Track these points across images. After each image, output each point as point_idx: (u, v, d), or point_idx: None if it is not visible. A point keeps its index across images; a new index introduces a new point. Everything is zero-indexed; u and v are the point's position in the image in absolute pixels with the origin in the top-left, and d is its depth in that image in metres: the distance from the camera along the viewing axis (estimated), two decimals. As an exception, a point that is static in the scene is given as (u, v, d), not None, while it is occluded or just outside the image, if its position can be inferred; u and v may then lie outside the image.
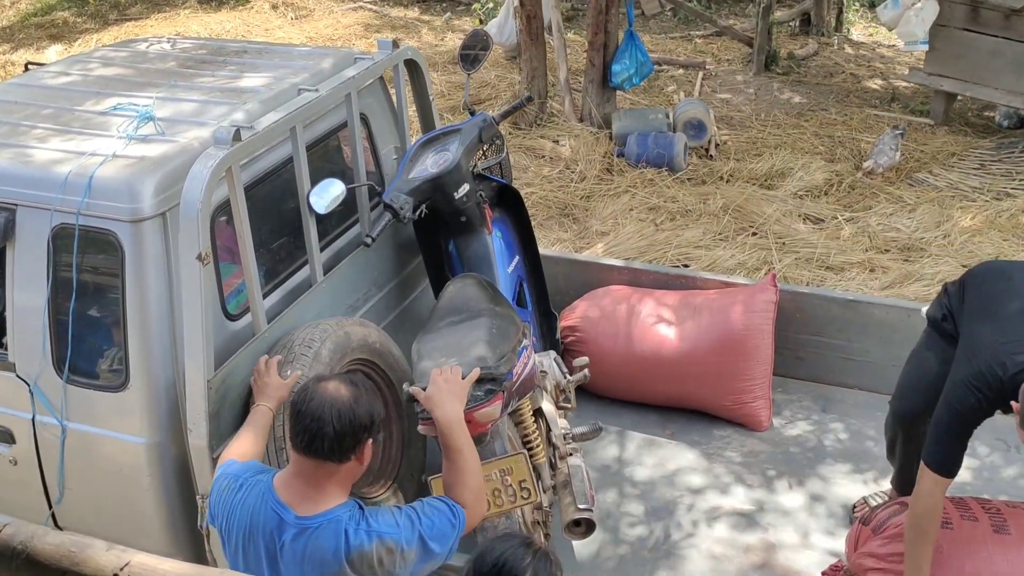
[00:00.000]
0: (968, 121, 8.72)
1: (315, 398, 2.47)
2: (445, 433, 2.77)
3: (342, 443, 2.46)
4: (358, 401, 2.49)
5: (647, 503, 4.02)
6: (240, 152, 3.21)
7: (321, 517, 2.49)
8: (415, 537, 2.52)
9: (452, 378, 2.90)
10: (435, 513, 2.59)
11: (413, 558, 2.53)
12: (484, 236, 4.09)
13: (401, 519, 2.54)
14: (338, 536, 2.47)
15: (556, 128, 8.54)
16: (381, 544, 2.48)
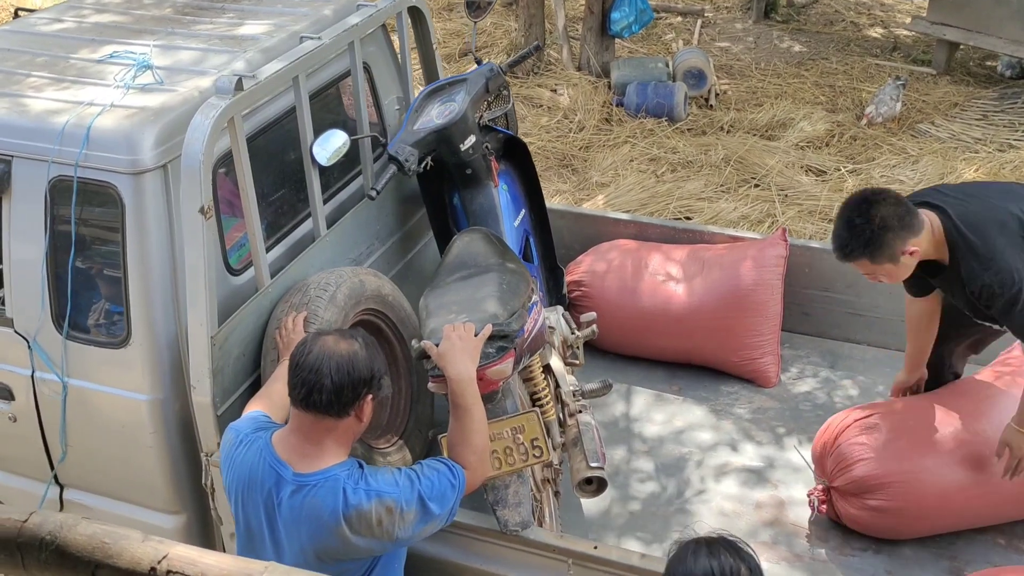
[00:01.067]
0: (970, 71, 8.62)
1: (313, 351, 2.44)
2: (456, 391, 2.72)
3: (340, 396, 2.43)
4: (357, 355, 2.46)
5: (656, 460, 3.99)
6: (242, 102, 3.11)
7: (319, 475, 2.46)
8: (415, 497, 2.49)
9: (466, 335, 2.84)
10: (435, 474, 2.56)
11: (412, 519, 2.50)
12: (490, 189, 4.00)
13: (401, 479, 2.51)
14: (336, 494, 2.44)
15: (554, 77, 8.42)
16: (380, 503, 2.45)
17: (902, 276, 3.23)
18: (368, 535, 2.47)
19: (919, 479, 3.43)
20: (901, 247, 3.08)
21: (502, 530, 2.96)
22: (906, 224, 3.06)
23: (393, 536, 2.49)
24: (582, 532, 3.65)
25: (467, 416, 2.69)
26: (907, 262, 3.12)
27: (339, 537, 2.46)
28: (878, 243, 3.06)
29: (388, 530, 2.47)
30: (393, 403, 3.75)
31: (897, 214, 3.05)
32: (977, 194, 3.26)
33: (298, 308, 3.30)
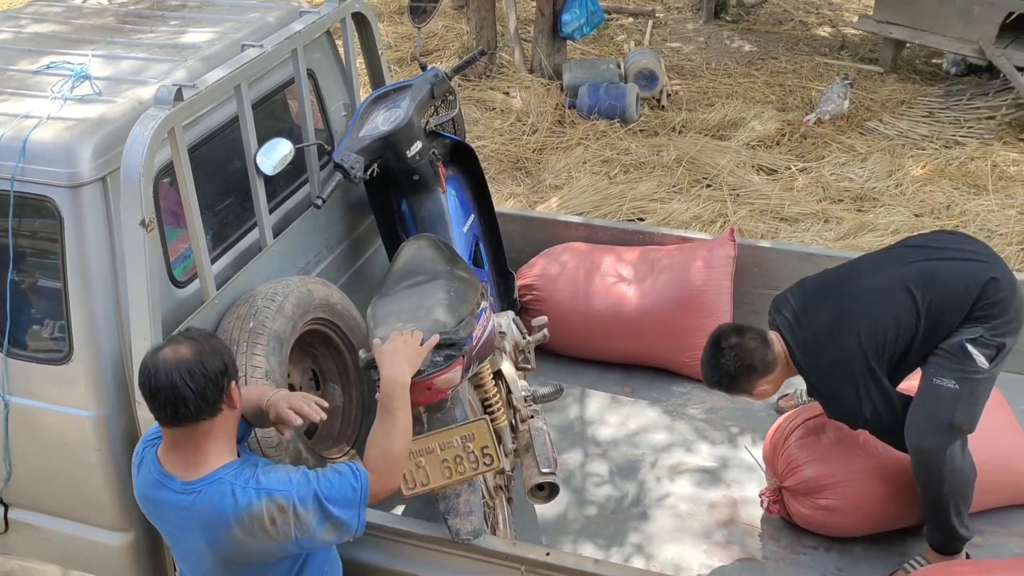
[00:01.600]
0: (916, 69, 8.73)
1: (160, 368, 2.36)
2: (385, 392, 2.65)
3: (206, 398, 2.37)
4: (203, 351, 2.40)
5: (610, 462, 3.99)
6: (183, 112, 3.08)
7: (206, 480, 2.41)
8: (310, 495, 2.40)
9: (411, 341, 2.81)
10: (336, 476, 2.47)
11: (311, 519, 2.41)
12: (438, 195, 3.99)
13: (296, 476, 2.44)
14: (223, 496, 2.39)
15: (506, 80, 8.41)
16: (271, 501, 2.38)
17: (763, 398, 3.44)
18: (263, 536, 2.40)
19: (866, 477, 3.46)
20: (752, 387, 3.32)
21: (454, 539, 2.95)
22: (755, 369, 3.27)
23: (291, 536, 2.41)
24: (536, 538, 3.65)
25: (391, 420, 2.61)
26: (761, 393, 3.35)
27: (234, 539, 2.40)
28: (733, 384, 3.32)
29: (284, 530, 2.39)
30: (344, 412, 3.73)
31: (749, 359, 3.25)
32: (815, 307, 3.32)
33: (245, 320, 3.27)
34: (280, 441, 3.17)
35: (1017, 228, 6.05)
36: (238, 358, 3.18)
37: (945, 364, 3.20)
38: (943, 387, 3.19)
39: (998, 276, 3.21)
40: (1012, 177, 6.69)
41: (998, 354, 3.20)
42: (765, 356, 3.27)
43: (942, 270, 3.24)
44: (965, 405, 3.20)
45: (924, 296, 3.19)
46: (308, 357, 3.68)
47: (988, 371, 3.20)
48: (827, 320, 3.27)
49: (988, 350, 3.18)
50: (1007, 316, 3.21)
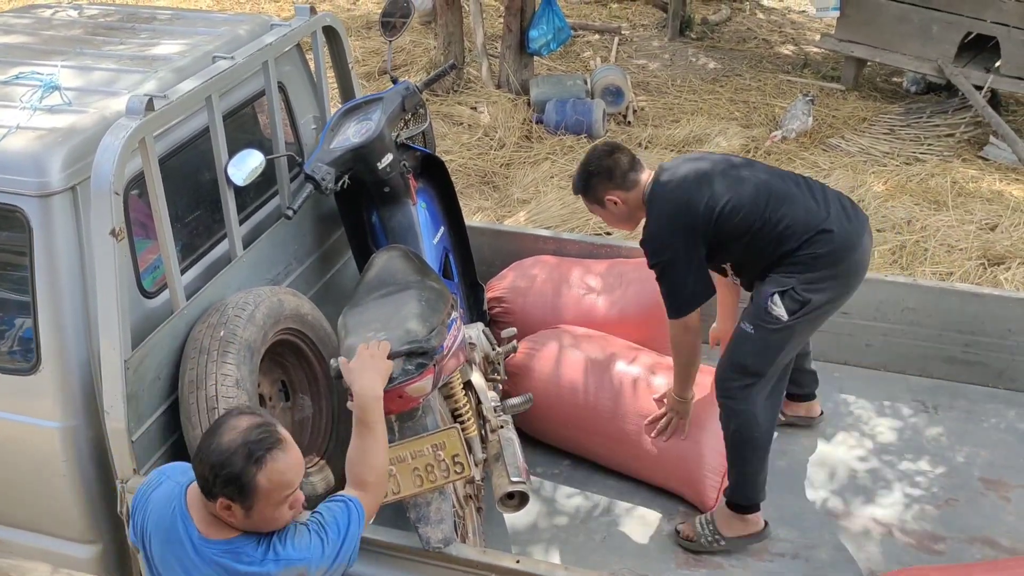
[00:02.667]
0: (877, 87, 8.89)
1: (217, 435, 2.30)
2: (360, 407, 2.64)
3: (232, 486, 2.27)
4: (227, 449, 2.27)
5: (579, 471, 4.02)
6: (154, 123, 3.08)
7: (227, 544, 2.34)
8: (323, 556, 2.39)
9: (378, 354, 2.82)
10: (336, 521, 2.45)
11: (322, 572, 2.40)
12: (408, 207, 4.02)
13: (312, 540, 2.39)
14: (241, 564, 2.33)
15: (474, 95, 8.46)
16: (290, 570, 2.34)
17: (613, 222, 3.71)
18: None
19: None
20: (604, 193, 3.56)
21: (424, 547, 2.96)
22: (616, 178, 3.52)
23: None
24: (507, 547, 3.67)
25: (369, 434, 2.61)
26: (612, 209, 3.59)
27: None
28: (591, 188, 3.59)
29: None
30: (314, 423, 3.73)
31: (613, 167, 3.53)
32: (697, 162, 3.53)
33: (216, 328, 3.27)
34: None
35: (976, 243, 6.16)
36: (208, 366, 3.19)
37: (749, 309, 3.47)
38: (742, 330, 3.46)
39: (835, 231, 3.35)
40: (971, 193, 6.82)
41: (802, 308, 3.35)
42: (627, 173, 3.53)
43: (799, 201, 3.40)
44: (756, 349, 3.44)
45: (778, 210, 3.37)
46: (278, 368, 3.69)
47: (786, 323, 3.37)
48: (695, 175, 3.46)
49: (793, 304, 3.35)
50: (826, 272, 3.36)
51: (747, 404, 3.47)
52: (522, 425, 3.85)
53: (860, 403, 4.31)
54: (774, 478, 3.95)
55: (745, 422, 3.49)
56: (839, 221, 3.39)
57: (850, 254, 3.39)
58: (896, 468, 3.99)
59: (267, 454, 2.26)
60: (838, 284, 3.41)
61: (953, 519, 3.74)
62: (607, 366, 3.98)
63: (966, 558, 3.57)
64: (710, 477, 3.74)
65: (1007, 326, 4.25)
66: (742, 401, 3.47)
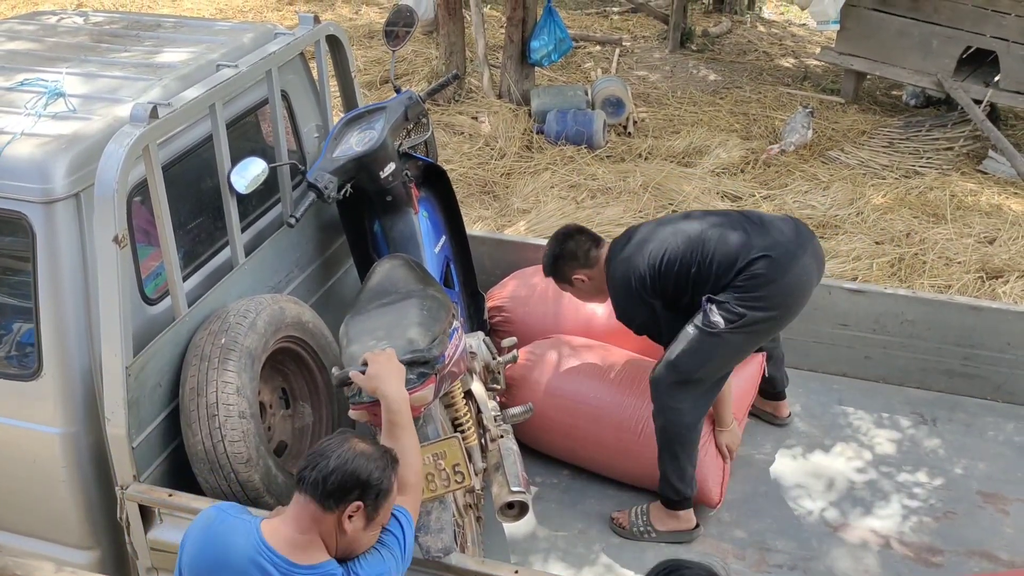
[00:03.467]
0: (877, 100, 8.92)
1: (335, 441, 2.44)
2: (394, 410, 2.70)
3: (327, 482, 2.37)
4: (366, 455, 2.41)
5: (578, 480, 4.02)
6: (157, 130, 3.10)
7: (318, 568, 2.38)
8: (395, 566, 2.49)
9: (392, 357, 2.86)
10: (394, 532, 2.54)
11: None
12: (410, 216, 4.03)
13: (384, 554, 2.48)
14: None
15: (475, 104, 8.48)
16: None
17: (585, 298, 3.98)
18: None
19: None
20: (571, 273, 3.84)
21: (424, 556, 2.95)
22: (580, 258, 3.82)
23: None
24: (506, 556, 3.67)
25: (405, 435, 2.69)
26: (580, 287, 3.87)
27: None
28: (556, 265, 3.87)
29: None
30: (314, 431, 3.74)
31: (576, 248, 3.82)
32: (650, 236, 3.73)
33: (217, 335, 3.28)
34: (249, 457, 3.18)
35: (974, 256, 6.18)
36: (209, 374, 3.19)
37: (694, 314, 3.62)
38: (684, 329, 3.62)
39: (772, 255, 3.54)
40: (969, 207, 6.85)
41: (738, 320, 3.52)
42: (589, 252, 3.81)
43: (731, 237, 3.60)
44: (690, 350, 3.59)
45: (708, 250, 3.59)
46: (279, 375, 3.69)
47: (723, 331, 3.52)
48: (636, 242, 3.72)
49: (728, 314, 3.52)
50: (760, 293, 3.53)
51: (675, 402, 3.62)
52: (521, 436, 3.85)
53: (859, 415, 4.32)
54: (772, 490, 3.97)
55: (672, 419, 3.64)
56: (777, 246, 3.57)
57: (786, 274, 3.55)
58: (894, 480, 4.00)
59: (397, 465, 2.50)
60: (777, 302, 3.57)
61: (951, 532, 3.74)
62: (606, 375, 4.00)
63: (964, 571, 3.57)
64: (710, 479, 3.78)
65: (1005, 339, 4.26)
66: (670, 398, 3.63)
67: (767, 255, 3.53)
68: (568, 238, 3.87)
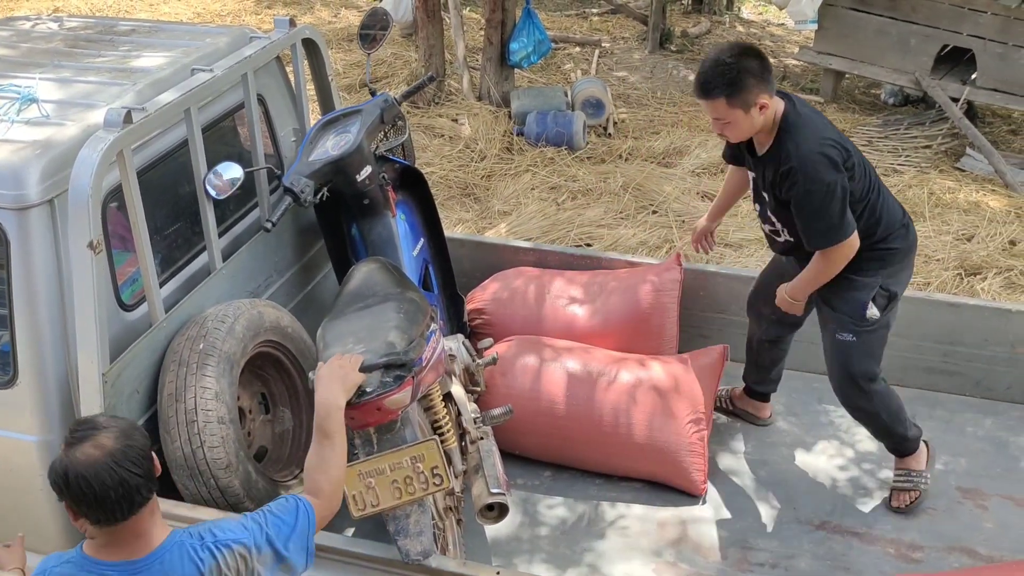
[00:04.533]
0: (856, 99, 8.96)
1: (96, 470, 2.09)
2: (320, 415, 2.63)
3: (151, 475, 2.19)
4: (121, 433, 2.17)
5: (560, 481, 4.02)
6: (131, 135, 3.08)
7: (160, 550, 2.23)
8: (263, 540, 2.35)
9: (347, 365, 2.81)
10: (284, 515, 2.41)
11: (269, 560, 2.35)
12: (388, 219, 4.02)
13: (248, 523, 2.37)
14: (184, 560, 2.24)
15: (455, 107, 8.47)
16: (232, 553, 2.29)
17: (746, 132, 3.34)
18: None
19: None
20: (756, 98, 3.22)
21: (404, 560, 2.95)
22: (766, 80, 3.23)
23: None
24: (487, 559, 3.66)
25: (328, 443, 2.59)
26: (755, 116, 3.26)
27: None
28: (739, 85, 3.19)
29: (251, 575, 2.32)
30: (294, 436, 3.73)
31: (761, 67, 3.22)
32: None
33: (195, 341, 3.27)
34: (229, 462, 3.17)
35: (953, 253, 6.21)
36: (188, 379, 3.18)
37: (833, 318, 3.59)
38: (842, 340, 3.59)
39: (909, 226, 3.55)
40: (948, 204, 6.88)
41: (889, 302, 3.54)
42: (770, 75, 3.26)
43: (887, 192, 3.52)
44: (862, 354, 3.61)
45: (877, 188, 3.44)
46: (258, 380, 3.68)
47: (880, 320, 3.54)
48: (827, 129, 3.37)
49: (883, 300, 3.51)
50: (899, 266, 3.55)
51: (867, 399, 3.70)
52: (501, 438, 3.84)
53: (840, 413, 4.30)
54: (754, 489, 3.98)
55: (874, 408, 3.72)
56: (908, 216, 3.57)
57: (913, 250, 3.61)
58: (876, 477, 4.01)
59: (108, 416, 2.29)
60: (906, 278, 3.63)
61: (931, 528, 3.76)
62: (586, 374, 4.00)
63: (944, 567, 3.58)
64: (691, 460, 3.84)
65: (984, 336, 4.28)
66: (865, 401, 3.70)
67: (908, 224, 3.54)
68: (752, 55, 3.23)
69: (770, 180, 3.45)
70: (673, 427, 3.85)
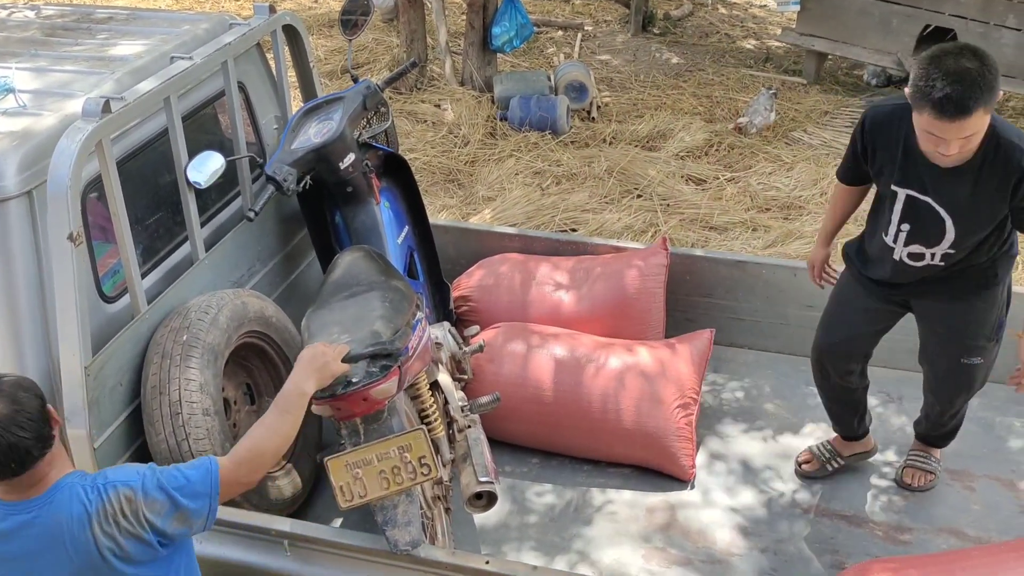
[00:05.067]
0: (839, 80, 8.95)
1: None
2: (284, 394, 2.64)
3: (42, 436, 2.21)
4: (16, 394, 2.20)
5: (549, 469, 4.01)
6: (111, 124, 3.04)
7: (51, 490, 2.26)
8: (154, 485, 2.32)
9: (331, 354, 2.80)
10: (187, 468, 2.41)
11: (159, 510, 2.31)
12: (372, 206, 3.99)
13: (143, 469, 2.37)
14: (73, 500, 2.25)
15: (437, 92, 8.42)
16: (118, 493, 2.28)
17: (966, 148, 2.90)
18: (119, 532, 2.27)
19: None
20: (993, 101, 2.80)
21: (392, 550, 2.93)
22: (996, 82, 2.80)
23: (144, 527, 2.29)
24: (476, 547, 3.65)
25: (277, 418, 2.59)
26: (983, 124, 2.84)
27: (95, 542, 2.25)
28: (997, 84, 2.77)
29: (138, 518, 2.28)
30: (280, 426, 3.69)
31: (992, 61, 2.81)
32: None
33: (179, 332, 3.24)
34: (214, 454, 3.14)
35: (937, 234, 6.21)
36: (171, 371, 3.15)
37: (976, 345, 3.41)
38: (972, 365, 3.47)
39: None
40: (931, 185, 6.88)
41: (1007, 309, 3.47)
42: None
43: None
44: (985, 373, 3.55)
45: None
46: (243, 371, 3.65)
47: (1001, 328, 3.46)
48: None
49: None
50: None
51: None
52: (488, 428, 3.82)
53: (826, 396, 4.33)
54: (742, 473, 3.98)
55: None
56: None
57: None
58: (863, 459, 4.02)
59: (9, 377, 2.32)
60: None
61: (919, 510, 3.77)
62: (573, 360, 3.99)
63: (932, 549, 3.59)
64: (680, 445, 3.84)
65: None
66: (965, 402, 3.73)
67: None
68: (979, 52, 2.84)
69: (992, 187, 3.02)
70: (661, 412, 3.85)
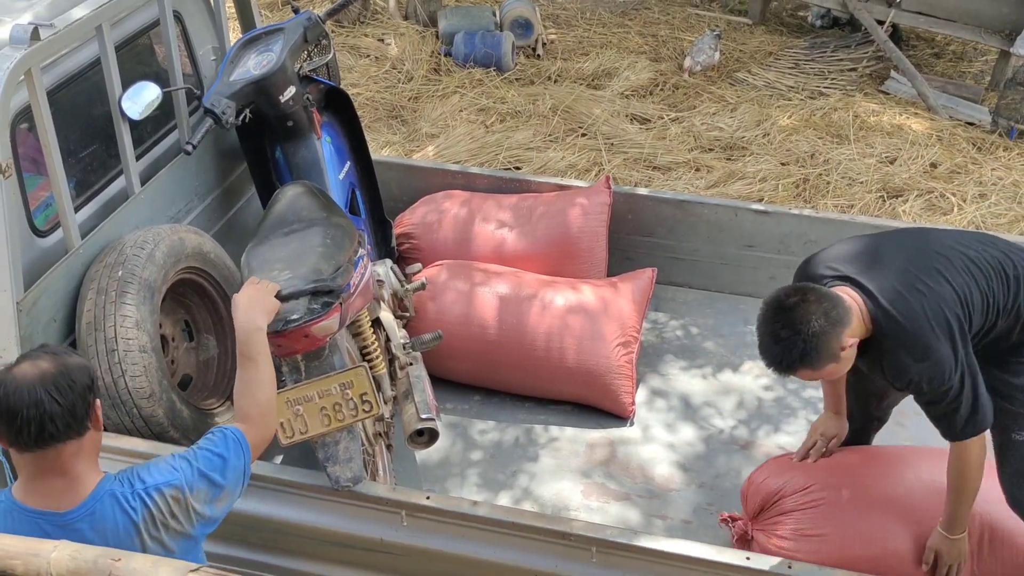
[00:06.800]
0: (783, 21, 8.95)
1: (19, 384, 2.07)
2: (241, 340, 2.56)
3: (75, 414, 2.11)
4: (67, 365, 2.13)
5: (490, 406, 4.04)
6: (40, 52, 2.94)
7: (90, 500, 2.17)
8: (195, 475, 2.28)
9: (265, 289, 2.74)
10: (212, 446, 2.35)
11: (205, 496, 2.28)
12: (313, 141, 3.92)
13: (177, 463, 2.29)
14: (116, 512, 2.18)
15: (380, 26, 8.28)
16: (163, 496, 2.22)
17: (844, 370, 2.85)
18: (168, 534, 2.23)
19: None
20: (838, 345, 2.71)
21: (334, 486, 2.94)
22: (834, 319, 2.69)
23: (192, 523, 2.27)
24: (418, 484, 3.68)
25: (252, 366, 2.52)
26: (848, 356, 2.76)
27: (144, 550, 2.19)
28: (815, 351, 2.69)
29: (188, 514, 2.25)
30: (219, 364, 3.67)
31: (823, 312, 2.69)
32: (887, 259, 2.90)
33: (114, 268, 3.18)
34: (152, 391, 3.11)
35: (876, 176, 6.30)
36: (107, 307, 3.10)
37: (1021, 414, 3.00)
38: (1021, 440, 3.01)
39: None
40: (872, 127, 6.95)
41: None
42: (839, 305, 2.72)
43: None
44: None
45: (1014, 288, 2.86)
46: (181, 308, 3.60)
47: None
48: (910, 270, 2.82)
49: None
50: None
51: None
52: (430, 365, 3.83)
53: (764, 334, 4.39)
54: (682, 409, 4.04)
55: None
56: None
57: None
58: (800, 396, 4.10)
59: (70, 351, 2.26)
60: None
61: (852, 445, 3.85)
62: (515, 295, 4.00)
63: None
64: (620, 382, 3.89)
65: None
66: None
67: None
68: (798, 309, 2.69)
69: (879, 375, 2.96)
70: (602, 350, 3.88)
